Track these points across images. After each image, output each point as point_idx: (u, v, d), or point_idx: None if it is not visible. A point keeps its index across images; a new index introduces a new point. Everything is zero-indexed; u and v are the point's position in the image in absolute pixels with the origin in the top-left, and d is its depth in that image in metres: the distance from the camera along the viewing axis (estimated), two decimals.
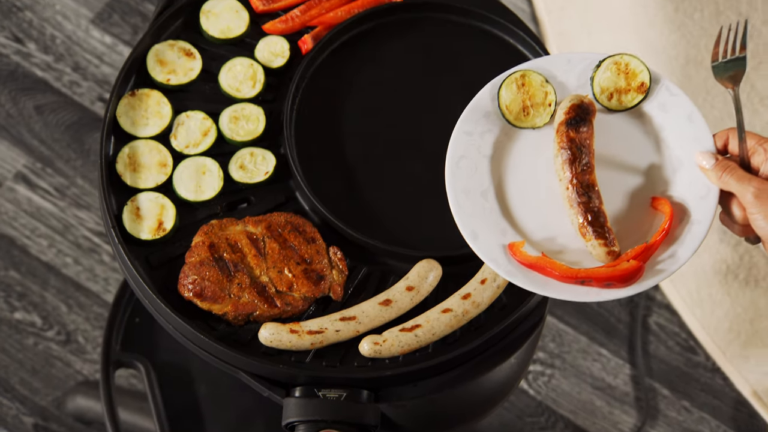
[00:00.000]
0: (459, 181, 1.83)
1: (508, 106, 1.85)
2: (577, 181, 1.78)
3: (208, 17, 2.14)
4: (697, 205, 1.78)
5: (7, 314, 3.03)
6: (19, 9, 3.26)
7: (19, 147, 3.15)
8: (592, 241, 1.77)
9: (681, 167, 1.82)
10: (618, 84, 1.85)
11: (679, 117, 1.82)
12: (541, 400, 3.04)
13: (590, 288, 1.75)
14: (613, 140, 1.85)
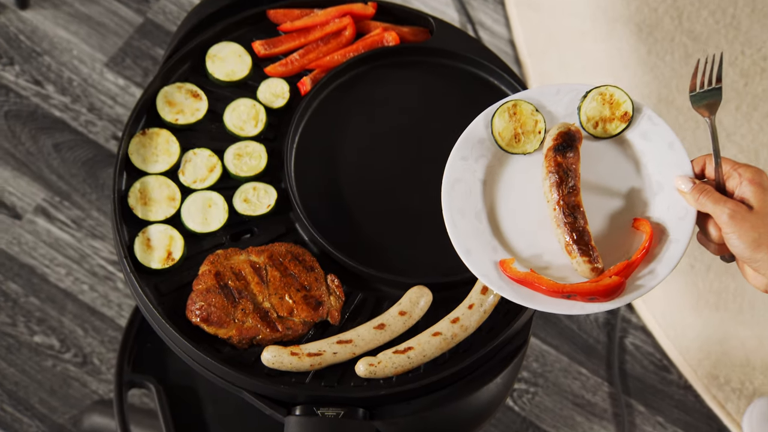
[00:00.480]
0: (454, 203, 1.83)
1: (500, 133, 1.85)
2: (564, 202, 1.78)
3: (213, 61, 2.14)
4: (676, 225, 1.78)
5: (27, 338, 3.03)
6: (38, 54, 3.26)
7: (39, 182, 3.14)
8: (577, 258, 1.77)
9: (661, 191, 1.82)
10: (603, 113, 1.85)
11: (660, 144, 1.83)
12: (526, 416, 3.03)
13: (575, 302, 1.75)
14: (598, 165, 1.85)
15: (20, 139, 3.19)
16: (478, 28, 3.37)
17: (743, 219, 1.69)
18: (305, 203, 2.04)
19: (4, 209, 3.13)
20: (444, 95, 2.14)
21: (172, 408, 2.27)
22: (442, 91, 2.15)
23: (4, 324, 3.04)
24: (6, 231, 3.11)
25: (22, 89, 3.23)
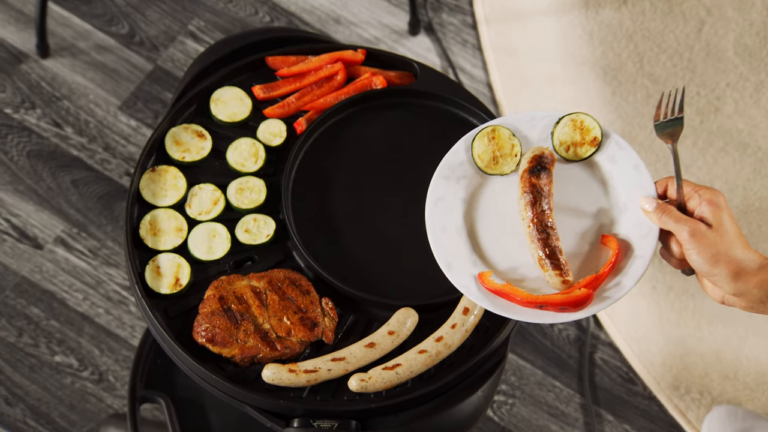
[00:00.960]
0: (436, 219, 1.83)
1: (480, 156, 1.86)
2: (537, 220, 1.78)
3: (217, 104, 2.14)
4: (640, 242, 1.78)
5: (48, 358, 3.02)
6: (58, 99, 3.26)
7: (58, 215, 3.14)
8: (549, 271, 1.77)
9: (627, 210, 1.82)
10: (574, 138, 1.85)
11: (626, 167, 1.83)
12: (505, 426, 3.02)
13: (547, 312, 1.75)
14: (569, 186, 1.86)
15: (41, 176, 3.18)
16: (459, 72, 3.37)
17: (702, 236, 1.69)
18: (301, 233, 2.03)
19: (27, 240, 3.12)
20: (428, 134, 2.14)
21: (180, 421, 2.26)
22: (426, 130, 2.14)
23: (27, 345, 3.03)
24: (28, 260, 3.10)
25: (43, 131, 3.22)
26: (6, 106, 3.25)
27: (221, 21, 3.38)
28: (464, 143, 1.88)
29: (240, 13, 3.40)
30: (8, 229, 3.13)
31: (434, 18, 3.44)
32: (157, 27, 3.37)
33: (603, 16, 3.44)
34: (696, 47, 3.40)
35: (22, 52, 3.31)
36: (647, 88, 3.35)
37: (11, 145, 3.21)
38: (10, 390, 2.99)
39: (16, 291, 3.08)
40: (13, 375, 3.00)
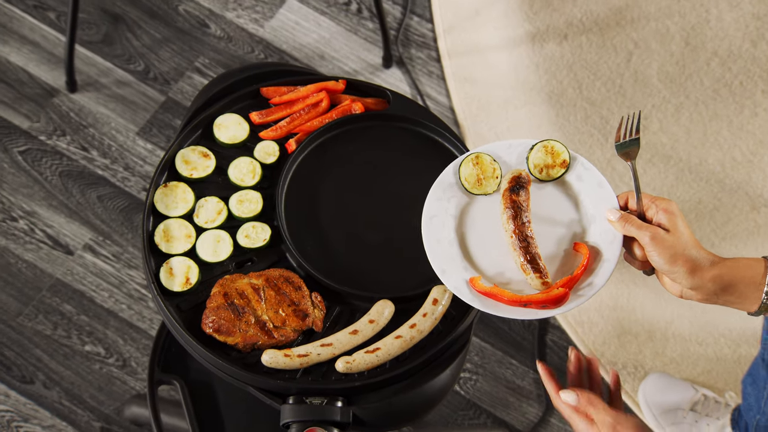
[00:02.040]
0: (431, 234, 1.84)
1: (466, 178, 1.87)
2: (518, 231, 1.79)
3: (219, 128, 2.12)
4: (607, 248, 1.79)
5: (79, 347, 3.00)
6: (84, 127, 3.25)
7: (87, 226, 3.13)
8: (530, 275, 1.78)
9: (595, 221, 1.83)
10: (546, 161, 1.87)
11: (592, 184, 1.85)
12: (470, 399, 3.02)
13: (530, 309, 1.75)
14: (545, 202, 1.87)
15: (72, 192, 3.17)
16: (426, 98, 3.36)
17: (662, 240, 1.69)
18: (293, 237, 2.02)
19: (60, 247, 3.11)
20: (400, 150, 2.13)
21: (193, 399, 2.24)
22: (399, 148, 2.13)
23: (61, 337, 3.02)
24: (61, 264, 3.09)
25: (72, 154, 3.22)
26: (41, 133, 3.24)
27: (223, 58, 3.37)
28: (452, 168, 1.89)
29: (239, 51, 3.39)
30: (44, 238, 3.12)
31: (404, 53, 3.44)
32: (168, 64, 3.36)
33: (547, 49, 3.43)
34: (626, 75, 3.40)
35: (54, 88, 3.30)
36: (585, 109, 3.35)
37: (45, 167, 3.20)
38: (48, 375, 2.98)
39: (51, 291, 3.06)
40: (50, 363, 2.99)
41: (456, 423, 2.99)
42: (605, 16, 3.47)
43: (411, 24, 3.49)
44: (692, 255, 1.68)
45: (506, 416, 3.00)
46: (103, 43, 3.38)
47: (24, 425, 2.93)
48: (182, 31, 3.41)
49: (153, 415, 2.23)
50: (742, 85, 3.39)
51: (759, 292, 1.66)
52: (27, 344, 3.01)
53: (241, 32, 3.41)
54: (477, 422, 3.00)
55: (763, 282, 1.65)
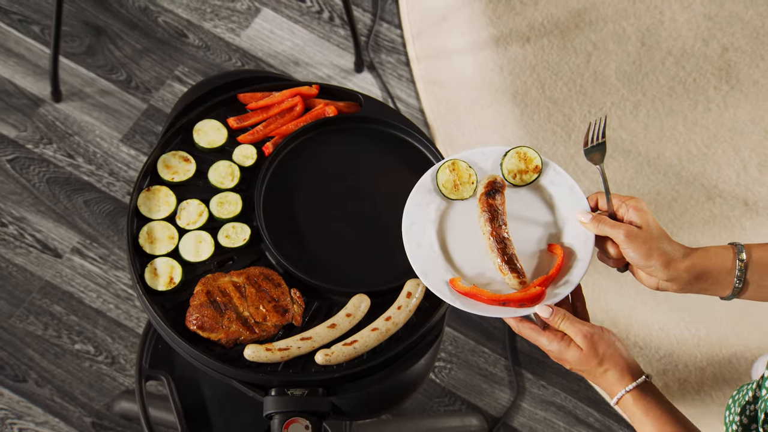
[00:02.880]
0: (412, 239, 1.82)
1: (443, 184, 1.85)
2: (495, 233, 1.77)
3: (198, 134, 2.11)
4: (581, 248, 1.77)
5: (70, 346, 2.99)
6: (70, 135, 3.23)
7: (74, 230, 3.11)
8: (507, 275, 1.76)
9: (567, 223, 1.81)
10: (519, 167, 1.85)
11: (564, 188, 1.83)
12: (445, 386, 3.02)
13: (509, 308, 1.73)
14: (520, 206, 1.85)
15: (59, 198, 3.15)
16: (396, 101, 3.36)
17: (636, 236, 1.68)
18: (272, 236, 2.00)
19: (49, 251, 3.09)
20: (372, 151, 2.12)
21: (179, 393, 2.24)
22: (371, 148, 2.13)
23: (52, 337, 3.00)
24: (51, 267, 3.07)
25: (59, 161, 3.20)
26: (28, 142, 3.22)
27: (201, 66, 3.35)
28: (430, 174, 1.87)
29: (217, 59, 3.37)
30: (33, 242, 3.10)
31: (375, 58, 3.43)
32: (149, 73, 3.35)
33: (511, 52, 3.43)
34: (586, 74, 3.40)
35: (39, 98, 3.28)
36: (549, 108, 3.35)
37: (33, 174, 3.18)
38: (40, 374, 2.96)
39: (41, 293, 3.05)
40: (41, 362, 2.98)
41: (432, 410, 2.99)
42: (565, 19, 3.48)
43: (381, 30, 3.48)
44: (666, 248, 1.68)
45: (480, 402, 3.00)
46: (86, 54, 3.36)
47: (18, 422, 2.91)
48: (162, 41, 3.39)
49: (142, 409, 2.22)
50: (695, 82, 3.40)
51: (731, 278, 1.67)
52: (19, 344, 2.99)
53: (218, 41, 3.40)
54: (452, 409, 3.00)
55: (734, 268, 1.67)
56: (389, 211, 1.98)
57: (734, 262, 1.67)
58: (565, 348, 1.67)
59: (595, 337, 1.66)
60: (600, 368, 1.65)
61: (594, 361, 1.65)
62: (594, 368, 1.65)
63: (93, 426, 2.92)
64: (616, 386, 1.65)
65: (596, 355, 1.65)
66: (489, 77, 3.40)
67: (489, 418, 2.99)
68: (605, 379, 1.66)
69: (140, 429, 2.90)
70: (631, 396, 1.63)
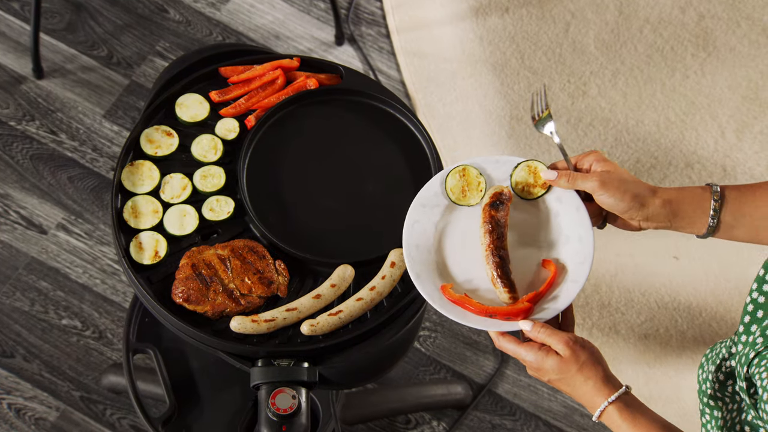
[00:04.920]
0: (412, 239, 1.80)
1: (452, 189, 1.83)
2: (493, 246, 1.75)
3: (181, 108, 2.10)
4: (576, 269, 1.75)
5: (57, 321, 2.98)
6: (52, 111, 3.21)
7: (59, 206, 3.10)
8: (500, 288, 1.74)
9: (568, 242, 1.78)
10: (528, 180, 1.82)
11: (570, 207, 1.79)
12: (430, 355, 3.02)
13: (495, 320, 1.71)
14: (523, 219, 1.82)
15: (43, 174, 3.14)
16: (377, 73, 3.35)
17: (609, 181, 1.68)
18: (255, 209, 2.00)
19: (34, 227, 3.08)
20: (353, 123, 2.12)
21: (167, 366, 2.24)
22: (352, 120, 2.12)
23: (38, 312, 2.99)
24: (36, 243, 3.06)
25: (42, 138, 3.18)
26: (10, 119, 3.20)
27: (182, 41, 3.33)
28: (439, 177, 1.84)
29: (197, 34, 3.35)
30: (18, 219, 3.09)
31: (355, 30, 3.42)
32: (131, 49, 3.33)
33: (490, 22, 3.43)
34: (564, 44, 3.40)
35: (21, 75, 3.26)
36: (528, 78, 3.35)
37: (16, 151, 3.16)
38: (27, 350, 2.96)
39: (27, 269, 3.04)
40: (28, 337, 2.97)
41: (417, 378, 3.00)
42: None
43: (360, 3, 3.47)
44: (636, 189, 1.68)
45: (465, 370, 3.01)
46: (67, 30, 3.33)
47: (7, 397, 2.91)
48: (142, 17, 3.37)
49: (130, 382, 2.22)
50: (673, 50, 3.40)
51: (706, 217, 1.67)
52: (6, 320, 2.98)
53: (198, 16, 3.38)
54: (438, 377, 3.01)
55: (708, 207, 1.67)
56: (372, 182, 1.97)
57: (709, 201, 1.67)
58: (543, 357, 1.63)
59: (577, 345, 1.63)
60: (580, 376, 1.61)
61: (574, 367, 1.61)
62: (573, 375, 1.61)
63: (81, 400, 2.92)
64: (597, 397, 1.60)
65: (576, 361, 1.61)
66: (469, 48, 3.39)
67: (474, 386, 3.00)
68: (584, 389, 1.61)
69: (129, 402, 2.90)
70: (615, 408, 1.58)
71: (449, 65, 3.37)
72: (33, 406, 2.90)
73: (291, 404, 1.86)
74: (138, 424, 2.89)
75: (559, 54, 3.38)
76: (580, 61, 3.37)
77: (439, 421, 2.97)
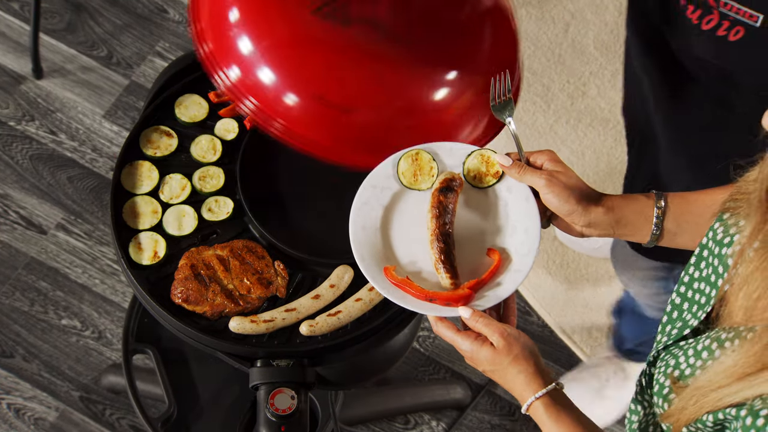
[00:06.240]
0: (359, 220, 1.77)
1: (403, 173, 1.80)
2: (439, 231, 1.72)
3: (180, 108, 2.10)
4: (521, 259, 1.73)
5: (56, 321, 2.99)
6: (52, 111, 3.21)
7: (58, 206, 3.11)
8: (441, 274, 1.71)
9: (515, 232, 1.76)
10: (480, 169, 1.79)
11: (520, 197, 1.76)
12: (429, 355, 3.02)
13: (435, 305, 1.68)
14: (472, 207, 1.80)
15: (42, 175, 3.14)
16: None
17: (556, 181, 1.66)
18: (254, 209, 2.00)
19: (33, 227, 3.08)
20: None
21: (166, 366, 2.24)
22: None
23: (38, 312, 3.00)
24: (36, 244, 3.07)
25: (42, 138, 3.18)
26: (10, 119, 3.21)
27: (182, 42, 3.34)
28: (392, 160, 1.81)
29: None
30: (18, 219, 3.09)
31: None
32: (130, 49, 3.33)
33: None
34: (564, 44, 3.40)
35: (21, 75, 3.26)
36: (528, 78, 3.35)
37: (16, 151, 3.16)
38: (27, 350, 2.96)
39: (27, 269, 3.04)
40: (28, 337, 2.97)
41: (417, 378, 3.00)
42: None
43: None
44: (584, 192, 1.67)
45: (464, 370, 3.01)
46: (67, 30, 3.33)
47: (6, 397, 2.91)
48: (142, 17, 3.37)
49: (129, 383, 2.22)
50: None
51: (649, 225, 1.67)
52: (5, 320, 2.98)
53: None
54: (437, 377, 3.01)
55: (652, 215, 1.66)
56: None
57: (652, 208, 1.67)
58: (478, 347, 1.61)
59: (511, 337, 1.60)
60: (512, 368, 1.59)
61: (506, 359, 1.59)
62: (506, 367, 1.59)
63: (81, 400, 2.92)
64: (526, 392, 1.58)
65: (509, 353, 1.59)
66: None
67: (473, 386, 3.00)
68: (516, 381, 1.60)
69: (128, 402, 2.91)
70: (542, 403, 1.57)
71: None
72: (32, 406, 2.91)
73: (290, 404, 1.86)
74: (137, 424, 2.90)
75: (558, 54, 3.38)
76: (579, 62, 3.38)
77: (438, 421, 2.97)
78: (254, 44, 1.77)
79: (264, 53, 1.77)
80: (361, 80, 1.81)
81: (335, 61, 1.80)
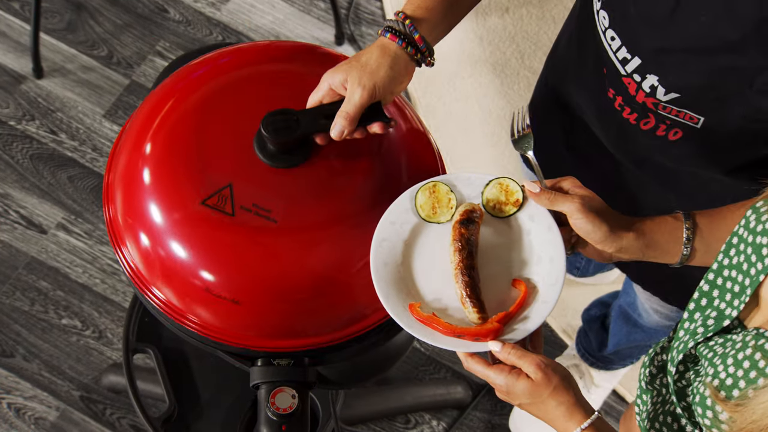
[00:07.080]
0: (380, 257, 1.74)
1: (421, 206, 1.77)
2: (463, 264, 1.69)
3: None
4: (547, 290, 1.69)
5: (57, 321, 2.98)
6: (52, 111, 3.21)
7: (58, 205, 3.10)
8: (468, 308, 1.67)
9: (540, 262, 1.72)
10: (500, 198, 1.76)
11: (542, 226, 1.73)
12: (429, 355, 3.02)
13: (463, 340, 1.65)
14: (494, 237, 1.76)
15: (43, 174, 3.14)
16: None
17: (588, 207, 1.63)
18: None
19: (34, 227, 3.08)
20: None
21: (167, 365, 2.23)
22: None
23: (38, 312, 2.99)
24: (36, 243, 3.06)
25: (42, 137, 3.18)
26: (10, 119, 3.20)
27: (182, 41, 3.34)
28: (409, 194, 1.78)
29: (197, 34, 3.36)
30: (18, 219, 3.09)
31: (355, 30, 3.42)
32: (131, 49, 3.33)
33: (490, 22, 3.43)
34: None
35: (21, 75, 3.26)
36: (528, 78, 3.35)
37: (16, 151, 3.16)
38: (27, 349, 2.96)
39: (27, 269, 3.04)
40: (28, 337, 2.97)
41: (417, 378, 3.00)
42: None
43: (361, 3, 3.47)
44: (615, 217, 1.64)
45: (464, 370, 3.01)
46: (67, 30, 3.33)
47: (6, 397, 2.91)
48: (142, 16, 3.37)
49: (129, 382, 2.22)
50: None
51: (679, 246, 1.65)
52: (6, 320, 2.98)
53: (199, 16, 3.38)
54: (437, 377, 3.01)
55: (681, 237, 1.64)
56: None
57: (681, 230, 1.65)
58: (514, 380, 1.57)
59: (549, 368, 1.56)
60: (552, 400, 1.56)
61: (546, 391, 1.55)
62: (545, 399, 1.56)
63: (81, 399, 2.92)
64: (570, 423, 1.55)
65: (548, 385, 1.55)
66: (469, 48, 3.39)
67: (473, 386, 3.00)
68: (556, 413, 1.56)
69: (128, 401, 2.91)
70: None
71: (449, 65, 3.37)
72: (33, 406, 2.91)
73: (291, 404, 1.85)
74: (138, 424, 2.89)
75: None
76: None
77: (438, 421, 2.97)
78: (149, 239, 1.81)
79: (154, 246, 1.80)
80: (245, 270, 1.78)
81: (220, 252, 1.78)
